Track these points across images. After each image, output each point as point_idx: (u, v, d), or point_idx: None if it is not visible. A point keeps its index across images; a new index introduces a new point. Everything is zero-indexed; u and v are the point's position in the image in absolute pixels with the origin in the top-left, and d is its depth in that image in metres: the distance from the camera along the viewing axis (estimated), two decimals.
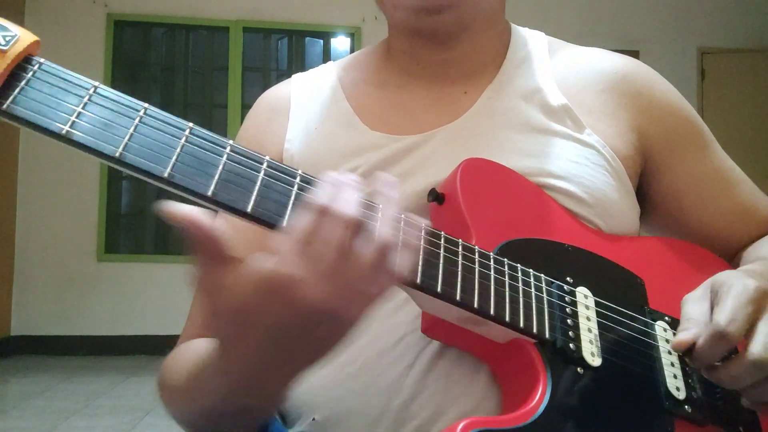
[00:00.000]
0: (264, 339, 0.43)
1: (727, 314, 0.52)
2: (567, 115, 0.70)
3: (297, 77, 0.81)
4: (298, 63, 5.19)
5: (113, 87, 0.46)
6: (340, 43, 5.25)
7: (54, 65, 0.44)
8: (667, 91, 0.75)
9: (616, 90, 0.72)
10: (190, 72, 5.12)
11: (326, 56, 5.22)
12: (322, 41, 5.25)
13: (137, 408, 3.27)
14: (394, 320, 0.61)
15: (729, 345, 0.51)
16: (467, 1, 0.69)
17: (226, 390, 0.47)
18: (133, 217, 5.07)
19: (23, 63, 0.43)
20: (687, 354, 0.53)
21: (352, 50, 4.96)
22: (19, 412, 3.26)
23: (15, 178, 4.74)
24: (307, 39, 5.24)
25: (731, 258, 0.77)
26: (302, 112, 0.76)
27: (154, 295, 4.73)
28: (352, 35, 5.15)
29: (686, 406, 0.57)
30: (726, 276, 0.57)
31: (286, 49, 5.25)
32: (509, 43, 0.76)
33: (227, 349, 0.46)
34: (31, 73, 0.43)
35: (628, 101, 0.72)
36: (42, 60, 0.44)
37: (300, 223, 0.43)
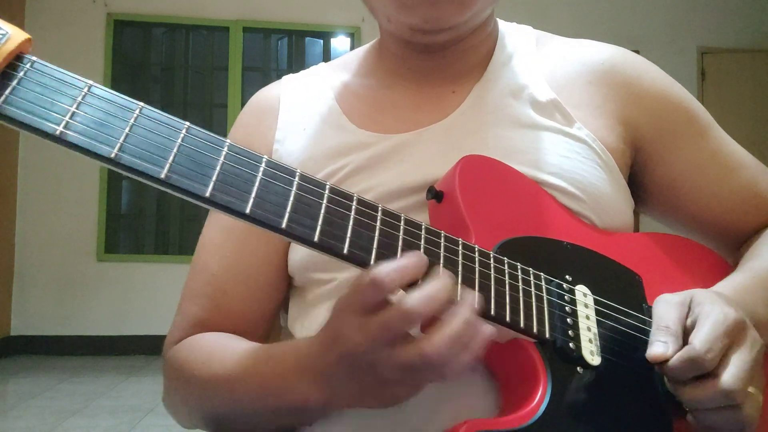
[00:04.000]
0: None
1: (705, 342, 0.52)
2: (556, 109, 0.69)
3: (287, 78, 0.81)
4: (298, 63, 5.18)
5: (113, 87, 0.45)
6: (340, 43, 5.24)
7: (47, 64, 0.43)
8: (656, 78, 0.74)
9: (604, 81, 0.72)
10: (190, 72, 5.12)
11: (326, 56, 5.21)
12: (322, 41, 5.25)
13: (137, 408, 3.27)
14: None
15: (701, 371, 0.52)
16: (464, 23, 0.68)
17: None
18: (133, 217, 5.07)
19: (15, 62, 0.42)
20: (659, 366, 0.53)
21: (352, 50, 4.95)
22: (19, 412, 3.26)
23: (15, 178, 4.74)
24: (307, 39, 5.23)
25: (735, 249, 0.76)
26: (292, 112, 0.76)
27: (154, 295, 4.72)
28: (352, 35, 5.15)
29: (686, 412, 0.56)
30: (707, 297, 0.57)
31: (286, 49, 5.25)
32: (497, 41, 0.76)
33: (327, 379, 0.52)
34: (23, 72, 0.42)
35: (616, 92, 0.71)
36: (34, 58, 0.43)
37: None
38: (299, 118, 0.75)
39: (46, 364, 4.34)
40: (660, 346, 0.53)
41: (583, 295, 0.59)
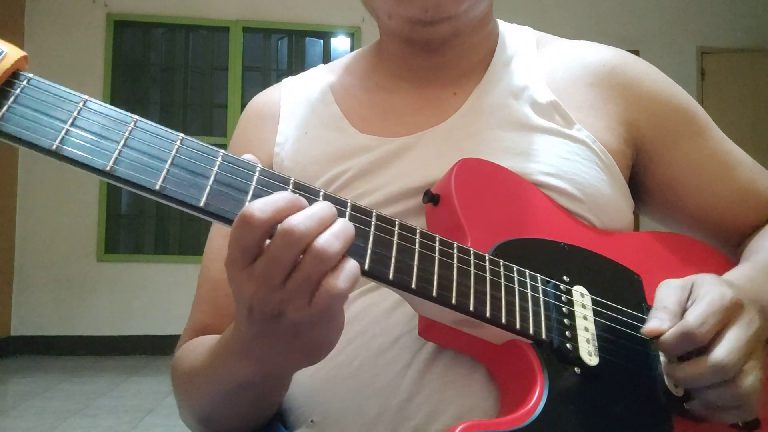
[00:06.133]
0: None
1: (698, 317, 0.52)
2: (556, 111, 0.70)
3: (287, 81, 0.81)
4: (298, 63, 5.19)
5: (113, 87, 0.46)
6: (340, 43, 5.24)
7: (42, 80, 0.44)
8: (656, 80, 0.74)
9: (605, 83, 0.72)
10: (190, 72, 5.12)
11: (326, 56, 5.22)
12: (322, 41, 5.25)
13: (137, 408, 3.27)
14: (390, 321, 0.61)
15: (693, 345, 0.52)
16: (464, 13, 0.69)
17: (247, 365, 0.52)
18: (133, 217, 5.07)
19: (11, 79, 0.43)
20: (655, 341, 0.54)
21: (352, 50, 4.94)
22: (19, 412, 3.26)
23: (15, 178, 4.74)
24: (307, 39, 5.24)
25: (735, 247, 0.76)
26: (292, 116, 0.76)
27: (154, 295, 4.73)
28: (352, 35, 5.15)
29: (684, 403, 0.57)
30: (708, 279, 0.57)
31: (286, 49, 5.25)
32: (497, 42, 0.76)
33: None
34: (19, 89, 0.43)
35: (617, 94, 0.72)
36: (30, 75, 0.44)
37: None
38: (300, 122, 0.75)
39: (46, 364, 4.35)
40: (656, 322, 0.54)
41: (581, 295, 0.59)
